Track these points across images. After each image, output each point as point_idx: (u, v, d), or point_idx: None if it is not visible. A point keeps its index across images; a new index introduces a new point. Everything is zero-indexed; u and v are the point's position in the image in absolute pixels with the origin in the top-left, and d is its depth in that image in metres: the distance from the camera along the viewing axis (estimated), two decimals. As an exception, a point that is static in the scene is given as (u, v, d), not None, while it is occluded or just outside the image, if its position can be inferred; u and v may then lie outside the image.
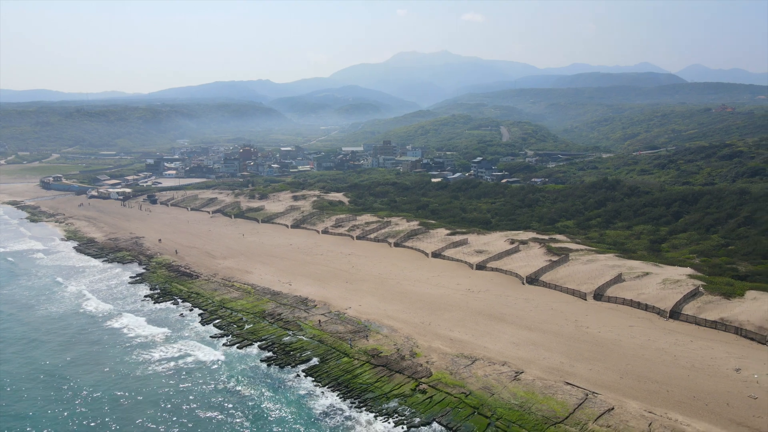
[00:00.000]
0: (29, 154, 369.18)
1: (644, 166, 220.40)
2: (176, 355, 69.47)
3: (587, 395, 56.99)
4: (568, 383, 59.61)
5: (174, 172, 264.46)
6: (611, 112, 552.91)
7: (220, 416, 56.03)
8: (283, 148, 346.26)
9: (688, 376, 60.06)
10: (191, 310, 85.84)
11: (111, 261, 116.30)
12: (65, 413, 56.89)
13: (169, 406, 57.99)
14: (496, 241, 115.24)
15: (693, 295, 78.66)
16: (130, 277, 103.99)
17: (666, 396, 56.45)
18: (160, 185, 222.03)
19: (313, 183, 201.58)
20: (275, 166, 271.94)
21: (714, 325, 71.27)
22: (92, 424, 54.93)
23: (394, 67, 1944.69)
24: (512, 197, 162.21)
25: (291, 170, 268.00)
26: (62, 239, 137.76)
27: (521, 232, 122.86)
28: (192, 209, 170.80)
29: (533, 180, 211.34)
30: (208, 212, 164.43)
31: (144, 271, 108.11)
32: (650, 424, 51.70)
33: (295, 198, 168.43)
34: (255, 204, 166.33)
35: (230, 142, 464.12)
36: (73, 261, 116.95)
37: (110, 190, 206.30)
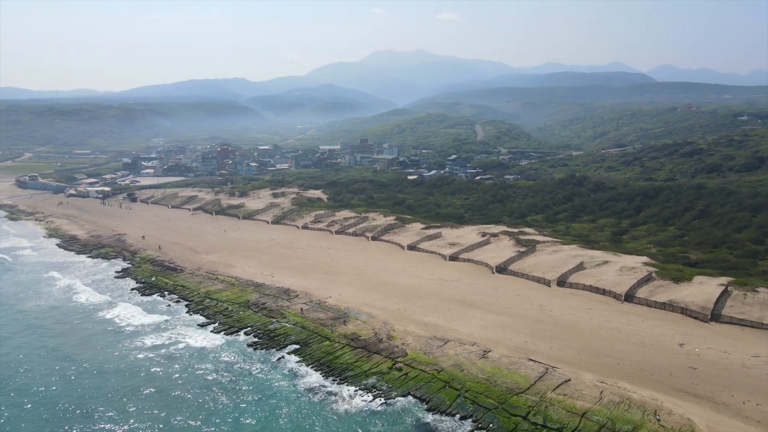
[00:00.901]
0: (1, 153, 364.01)
1: (611, 163, 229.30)
2: (167, 342, 73.62)
3: (547, 369, 62.98)
4: (530, 359, 65.57)
5: (152, 170, 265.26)
6: (583, 111, 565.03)
7: (212, 394, 60.54)
8: (261, 147, 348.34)
9: (638, 351, 66.58)
10: (178, 301, 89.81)
11: (95, 257, 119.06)
12: (68, 390, 60.78)
13: (165, 385, 62.34)
14: (468, 234, 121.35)
15: (646, 280, 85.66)
16: (116, 272, 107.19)
17: (617, 368, 62.79)
18: (138, 184, 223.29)
19: (291, 181, 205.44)
20: (253, 164, 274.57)
21: (663, 306, 78.22)
22: (95, 401, 58.90)
23: (370, 66, 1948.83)
24: (485, 193, 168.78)
25: (269, 169, 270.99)
26: (44, 237, 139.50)
27: (492, 225, 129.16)
28: (173, 207, 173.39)
29: (506, 177, 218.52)
30: (189, 210, 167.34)
31: (129, 266, 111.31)
32: (602, 392, 57.88)
33: (275, 195, 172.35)
34: (235, 201, 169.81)
35: (207, 140, 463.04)
36: (58, 257, 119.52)
37: (89, 188, 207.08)
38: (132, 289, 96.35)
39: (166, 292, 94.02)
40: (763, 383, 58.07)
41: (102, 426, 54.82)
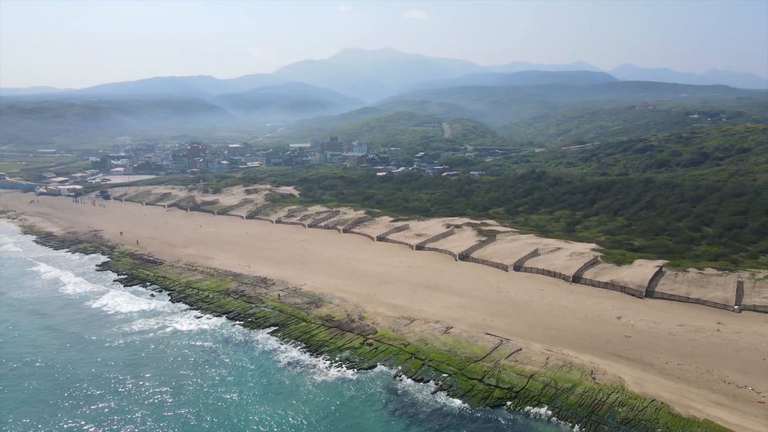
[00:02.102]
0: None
1: (571, 160, 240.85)
2: (156, 326, 79.06)
3: (502, 341, 70.91)
4: (487, 333, 73.44)
5: (122, 169, 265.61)
6: (547, 110, 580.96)
7: (201, 369, 66.50)
8: (231, 145, 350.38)
9: (581, 324, 75.23)
10: (160, 291, 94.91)
11: (74, 252, 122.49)
12: (69, 366, 65.91)
13: (159, 363, 68.07)
14: (434, 225, 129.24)
15: (592, 263, 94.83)
16: (96, 266, 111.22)
17: (563, 338, 71.19)
18: (109, 182, 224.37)
19: (264, 178, 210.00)
20: (224, 162, 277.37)
21: (605, 285, 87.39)
22: (96, 376, 64.20)
23: (338, 64, 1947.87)
24: (450, 188, 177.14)
25: (240, 167, 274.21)
26: (20, 234, 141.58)
27: (457, 218, 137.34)
28: (147, 204, 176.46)
29: (471, 173, 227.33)
30: (164, 206, 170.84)
31: (109, 259, 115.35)
32: (548, 358, 66.07)
33: (248, 192, 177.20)
34: (209, 198, 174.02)
35: (174, 139, 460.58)
36: (37, 252, 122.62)
37: (60, 187, 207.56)
38: (114, 281, 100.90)
39: (147, 283, 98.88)
40: (685, 347, 67.20)
41: (109, 396, 60.23)
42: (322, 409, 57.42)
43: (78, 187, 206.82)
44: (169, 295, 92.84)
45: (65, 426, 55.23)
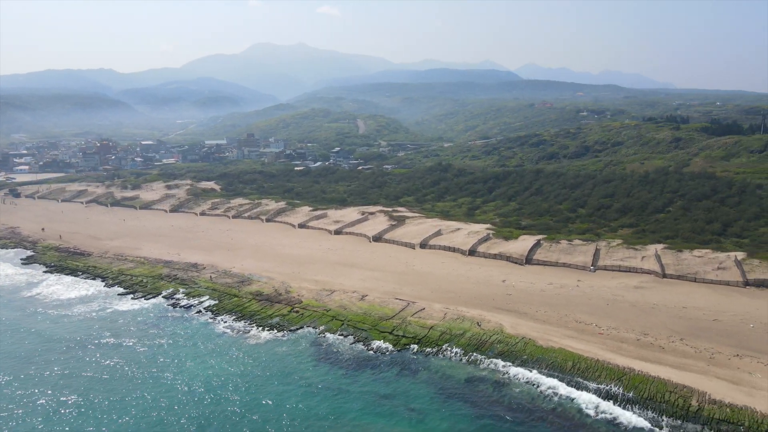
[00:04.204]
0: None
1: (475, 153, 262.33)
2: (97, 309, 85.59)
3: (408, 303, 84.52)
4: (397, 298, 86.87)
5: (27, 167, 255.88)
6: (457, 106, 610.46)
7: (146, 339, 74.72)
8: (143, 142, 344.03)
9: (474, 287, 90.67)
10: (94, 278, 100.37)
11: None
12: (16, 345, 71.73)
13: (104, 337, 75.27)
14: (350, 213, 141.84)
15: (485, 239, 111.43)
16: (22, 259, 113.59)
17: (458, 299, 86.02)
18: (14, 180, 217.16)
19: (183, 174, 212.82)
20: (138, 159, 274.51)
21: (495, 257, 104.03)
22: (45, 351, 70.64)
23: (250, 59, 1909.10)
24: (365, 180, 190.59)
25: (155, 163, 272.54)
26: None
27: (371, 206, 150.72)
28: (63, 201, 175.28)
29: (385, 166, 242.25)
30: (82, 203, 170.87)
31: (33, 253, 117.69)
32: (445, 314, 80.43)
33: (169, 187, 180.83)
34: (129, 194, 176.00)
35: (78, 136, 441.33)
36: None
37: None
38: (44, 272, 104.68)
39: (79, 273, 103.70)
40: (552, 300, 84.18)
41: (59, 366, 67.22)
42: (259, 361, 68.11)
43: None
44: (103, 281, 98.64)
45: (19, 393, 61.99)
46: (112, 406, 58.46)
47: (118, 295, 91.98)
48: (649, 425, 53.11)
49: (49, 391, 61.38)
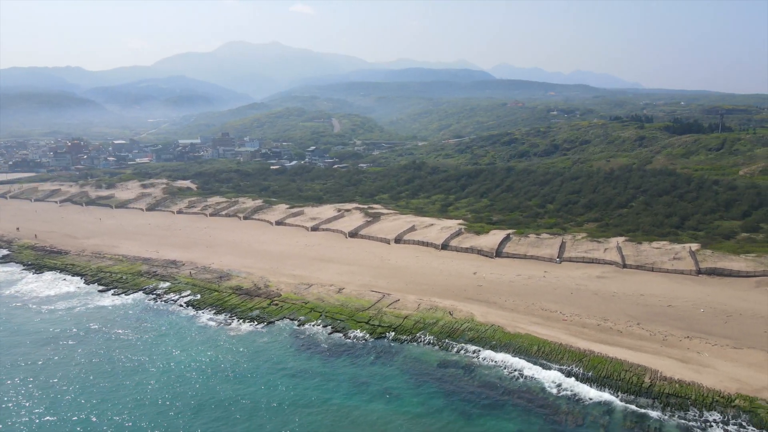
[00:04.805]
0: None
1: (449, 152, 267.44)
2: (79, 305, 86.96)
3: (384, 295, 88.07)
4: (373, 291, 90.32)
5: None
6: (431, 106, 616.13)
7: (130, 332, 76.71)
8: (116, 142, 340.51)
9: (446, 279, 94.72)
10: (73, 276, 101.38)
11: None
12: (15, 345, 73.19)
13: (88, 330, 76.96)
14: (326, 210, 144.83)
15: (457, 234, 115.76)
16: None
17: (431, 290, 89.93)
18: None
19: (158, 173, 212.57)
20: (111, 159, 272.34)
21: (466, 250, 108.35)
22: (31, 344, 72.14)
23: (223, 58, 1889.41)
24: (341, 178, 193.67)
25: (129, 163, 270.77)
26: None
27: (347, 203, 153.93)
28: (36, 200, 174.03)
29: (360, 165, 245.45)
30: (56, 202, 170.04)
31: (9, 252, 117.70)
32: (419, 304, 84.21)
33: (144, 186, 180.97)
34: (104, 193, 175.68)
35: (47, 135, 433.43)
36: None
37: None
38: (22, 270, 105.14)
39: (57, 270, 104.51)
40: (520, 290, 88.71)
41: (46, 359, 68.91)
42: (241, 351, 70.86)
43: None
44: (82, 279, 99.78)
45: (11, 382, 63.68)
46: (108, 392, 60.68)
47: (99, 291, 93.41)
48: (605, 400, 57.67)
49: (42, 381, 63.16)
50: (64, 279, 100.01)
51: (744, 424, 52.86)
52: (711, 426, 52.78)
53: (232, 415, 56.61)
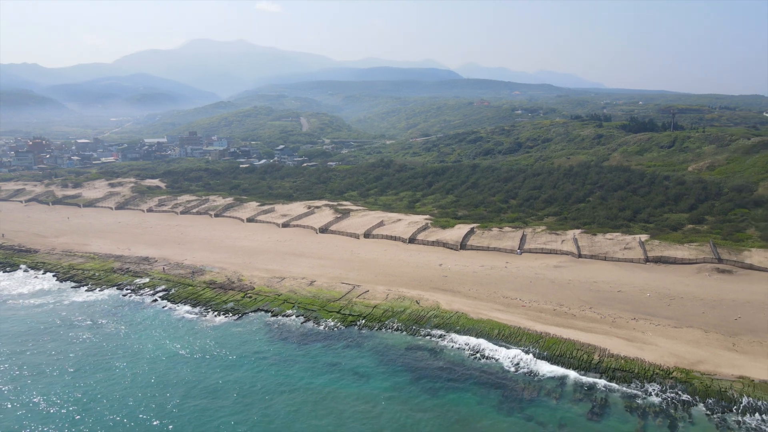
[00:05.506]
0: None
1: (416, 150, 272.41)
2: (53, 301, 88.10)
3: (354, 287, 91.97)
4: (343, 283, 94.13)
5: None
6: (399, 104, 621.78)
7: (107, 326, 78.59)
8: (79, 141, 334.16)
9: (413, 271, 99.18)
10: (44, 273, 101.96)
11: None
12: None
13: (65, 325, 78.49)
14: (297, 207, 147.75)
15: (424, 228, 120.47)
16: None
17: (399, 281, 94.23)
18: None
19: (125, 172, 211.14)
20: (75, 158, 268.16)
21: (433, 243, 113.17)
22: (7, 343, 73.60)
23: (188, 55, 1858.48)
24: (310, 176, 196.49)
25: (94, 162, 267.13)
26: None
27: (317, 201, 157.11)
28: (0, 200, 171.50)
29: (329, 163, 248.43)
30: (21, 201, 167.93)
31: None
32: (387, 294, 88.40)
33: (112, 185, 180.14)
34: (71, 192, 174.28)
35: (5, 134, 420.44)
36: None
37: None
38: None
39: (29, 269, 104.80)
40: (483, 279, 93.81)
41: (24, 356, 70.42)
42: (216, 341, 73.75)
43: None
44: (55, 276, 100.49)
45: (-8, 374, 65.25)
46: (97, 381, 62.94)
47: (72, 288, 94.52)
48: (558, 375, 62.95)
49: (26, 374, 64.87)
50: (36, 277, 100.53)
51: (680, 392, 58.71)
52: (650, 395, 58.47)
53: (218, 399, 59.64)
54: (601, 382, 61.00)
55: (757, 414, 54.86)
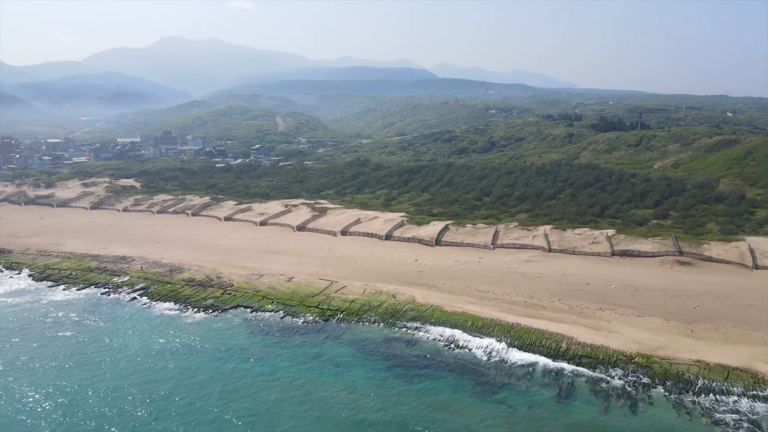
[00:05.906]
0: None
1: (392, 149, 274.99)
2: (31, 300, 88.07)
3: (332, 282, 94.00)
4: (321, 278, 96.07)
5: None
6: (374, 104, 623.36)
7: (87, 324, 79.15)
8: (50, 140, 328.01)
9: (390, 267, 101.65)
10: (19, 272, 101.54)
11: None
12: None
13: (44, 323, 78.81)
14: (274, 206, 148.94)
15: (400, 225, 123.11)
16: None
17: (376, 277, 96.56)
18: None
19: (99, 172, 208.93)
20: (46, 158, 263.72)
21: (408, 240, 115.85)
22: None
23: (160, 54, 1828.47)
24: (287, 176, 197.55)
25: (65, 162, 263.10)
26: None
27: (294, 199, 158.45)
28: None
29: (306, 162, 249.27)
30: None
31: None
32: (365, 289, 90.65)
33: (86, 185, 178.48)
34: (43, 192, 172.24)
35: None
36: None
37: None
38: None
39: (3, 269, 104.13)
40: (457, 274, 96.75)
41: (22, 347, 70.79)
42: (197, 335, 75.11)
43: None
44: (30, 276, 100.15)
45: (-28, 372, 65.54)
46: (81, 377, 63.75)
47: (49, 287, 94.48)
48: (528, 362, 66.13)
49: (8, 369, 65.41)
50: (11, 277, 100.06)
51: (641, 376, 62.37)
52: (614, 379, 62.02)
53: (204, 391, 61.14)
54: (569, 368, 64.35)
55: (711, 394, 58.73)
